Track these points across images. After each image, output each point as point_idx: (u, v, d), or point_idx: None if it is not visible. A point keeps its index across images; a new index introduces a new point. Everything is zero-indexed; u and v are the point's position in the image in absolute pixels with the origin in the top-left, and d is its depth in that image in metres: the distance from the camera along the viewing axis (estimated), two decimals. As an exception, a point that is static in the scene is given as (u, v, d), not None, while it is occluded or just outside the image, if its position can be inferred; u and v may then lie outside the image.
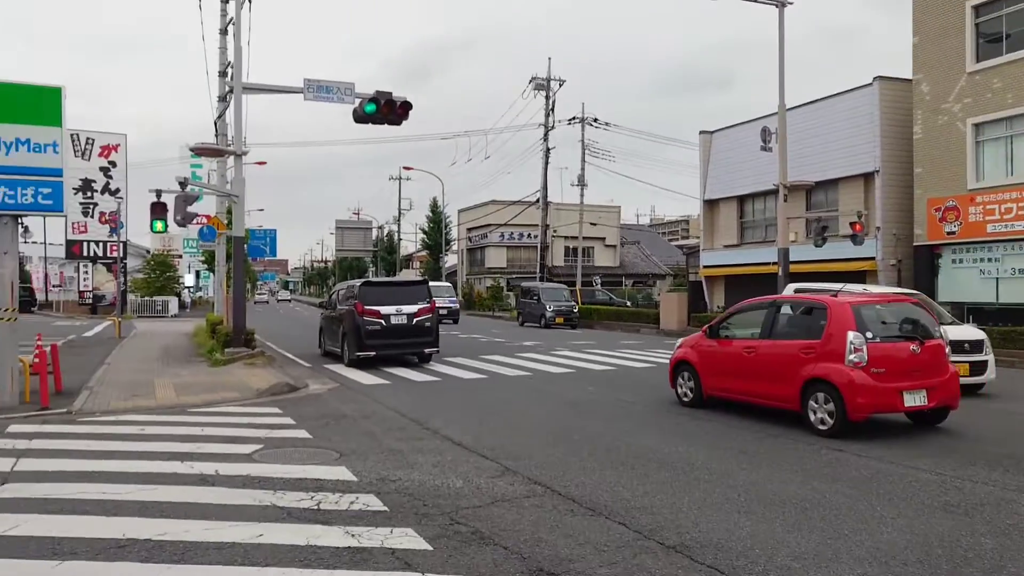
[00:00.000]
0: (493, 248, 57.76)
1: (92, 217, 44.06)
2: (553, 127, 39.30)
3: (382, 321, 16.51)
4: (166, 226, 18.08)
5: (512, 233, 55.71)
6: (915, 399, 8.65)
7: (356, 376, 14.91)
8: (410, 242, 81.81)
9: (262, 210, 73.12)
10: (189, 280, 65.78)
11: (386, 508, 5.88)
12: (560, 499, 6.17)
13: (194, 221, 17.61)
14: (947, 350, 9.27)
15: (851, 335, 8.60)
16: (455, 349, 20.67)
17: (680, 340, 12.14)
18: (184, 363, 17.61)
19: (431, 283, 21.30)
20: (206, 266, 64.09)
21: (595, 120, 39.83)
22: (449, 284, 41.86)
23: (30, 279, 58.67)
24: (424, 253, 69.45)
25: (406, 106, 18.21)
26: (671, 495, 6.30)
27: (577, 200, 44.01)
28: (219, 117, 25.95)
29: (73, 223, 43.54)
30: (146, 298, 47.81)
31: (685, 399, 11.18)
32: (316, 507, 5.91)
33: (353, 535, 5.18)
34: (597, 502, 6.06)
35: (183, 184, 15.90)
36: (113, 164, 44.48)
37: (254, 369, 16.27)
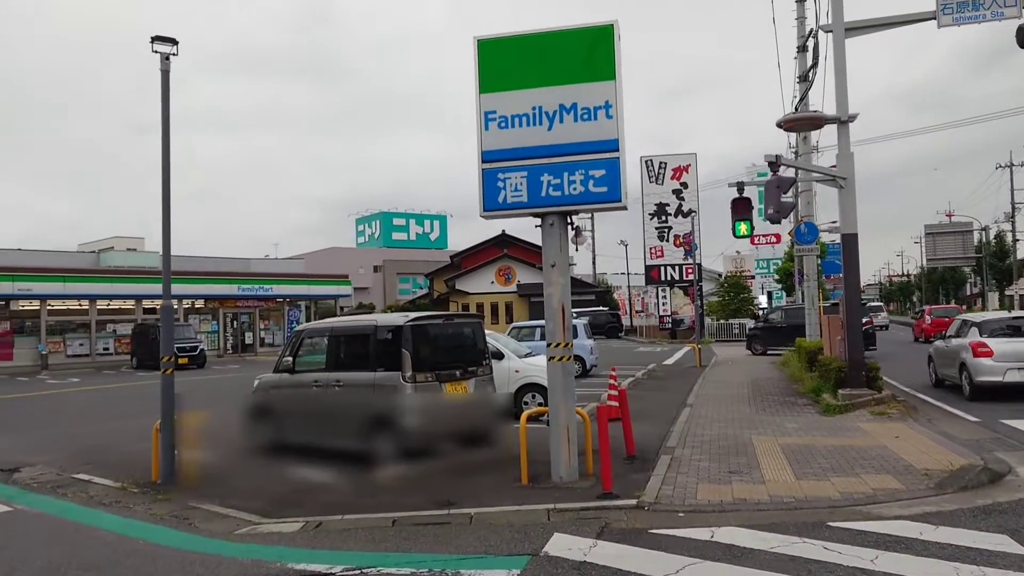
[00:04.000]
0: None
1: (667, 241, 43.73)
2: None
3: None
4: (751, 228, 14.08)
5: None
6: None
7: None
8: (1033, 242, 65.93)
9: (835, 222, 66.34)
10: (761, 301, 62.78)
11: None
12: None
13: (790, 214, 13.16)
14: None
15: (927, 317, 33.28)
16: None
17: None
18: (783, 407, 13.19)
19: None
20: (780, 286, 60.38)
21: None
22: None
23: (618, 305, 62.58)
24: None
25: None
26: None
27: None
28: (800, 101, 21.50)
29: (650, 248, 43.77)
30: (721, 321, 45.78)
31: None
32: None
33: None
34: None
35: (773, 165, 11.53)
36: (685, 185, 43.61)
37: (890, 423, 10.95)
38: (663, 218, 43.85)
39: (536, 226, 8.06)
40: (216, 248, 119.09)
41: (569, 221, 8.07)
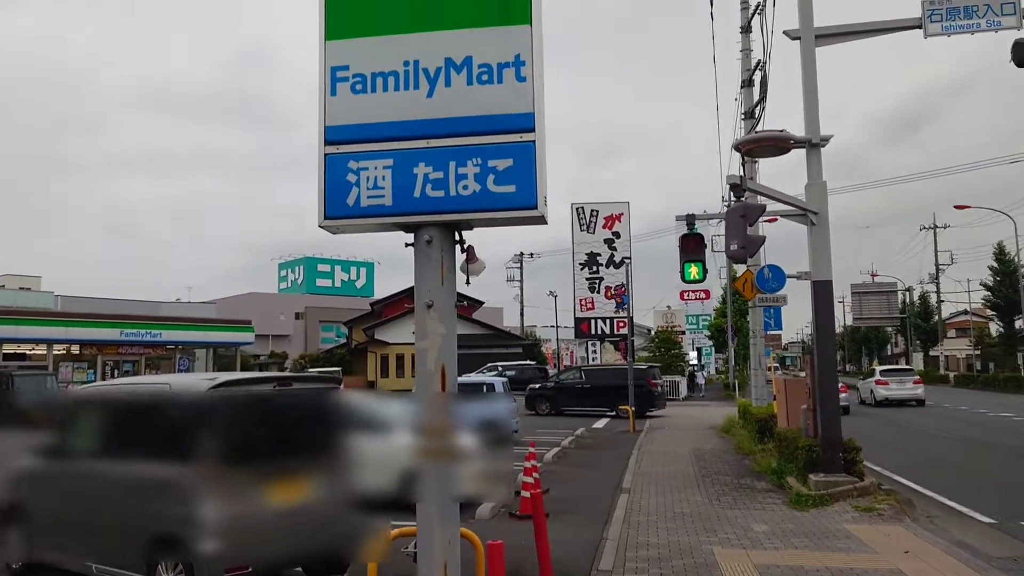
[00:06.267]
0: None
1: (598, 292, 41.47)
2: None
3: None
4: (703, 271, 11.59)
5: None
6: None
7: None
8: (959, 303, 66.83)
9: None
10: (692, 357, 61.22)
11: None
12: None
13: (756, 252, 10.70)
14: None
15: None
16: None
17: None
18: (741, 494, 10.54)
19: None
20: (711, 342, 58.91)
21: None
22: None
23: (546, 360, 59.99)
24: (976, 318, 54.41)
25: None
26: None
27: None
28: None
29: (580, 299, 41.43)
30: (654, 378, 43.51)
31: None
32: None
33: None
34: None
35: (737, 188, 9.05)
36: (617, 235, 41.59)
37: (885, 525, 8.40)
38: (594, 268, 41.64)
39: (407, 244, 5.19)
40: (137, 292, 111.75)
41: (457, 238, 5.24)
